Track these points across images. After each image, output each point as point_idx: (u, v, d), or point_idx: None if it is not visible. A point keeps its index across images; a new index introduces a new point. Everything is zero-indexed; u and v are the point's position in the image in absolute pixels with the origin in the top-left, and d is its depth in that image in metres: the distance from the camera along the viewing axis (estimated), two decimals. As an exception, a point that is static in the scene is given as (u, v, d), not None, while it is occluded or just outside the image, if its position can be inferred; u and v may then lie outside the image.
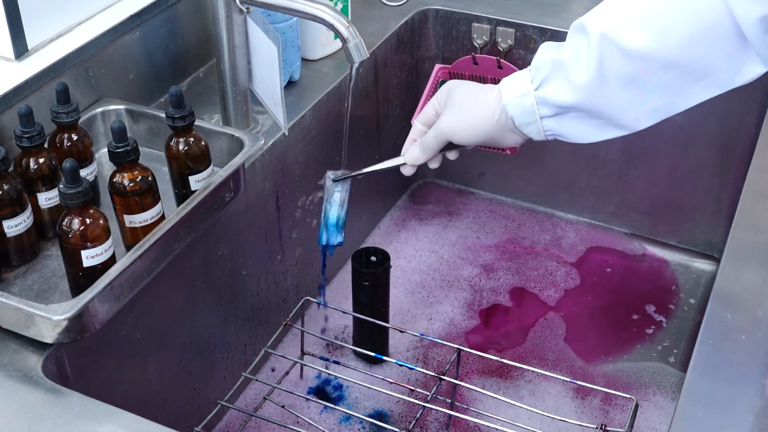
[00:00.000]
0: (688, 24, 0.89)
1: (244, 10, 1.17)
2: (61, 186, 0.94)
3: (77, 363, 1.01)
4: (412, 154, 1.12)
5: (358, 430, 1.31)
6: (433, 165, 1.14)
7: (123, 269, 0.96)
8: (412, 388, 1.20)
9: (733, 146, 1.52)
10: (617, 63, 0.92)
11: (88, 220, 0.95)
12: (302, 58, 1.43)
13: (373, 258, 1.36)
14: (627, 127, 0.97)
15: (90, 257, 0.96)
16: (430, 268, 1.60)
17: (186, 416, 1.25)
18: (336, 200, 1.18)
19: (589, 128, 0.99)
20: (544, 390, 1.38)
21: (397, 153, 1.15)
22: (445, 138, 1.07)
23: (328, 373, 1.28)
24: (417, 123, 1.13)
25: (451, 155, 1.14)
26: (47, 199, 1.07)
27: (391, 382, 1.24)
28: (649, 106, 0.95)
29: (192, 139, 1.10)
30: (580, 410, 1.35)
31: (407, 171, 1.14)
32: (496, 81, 1.48)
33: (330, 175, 1.19)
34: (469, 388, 1.25)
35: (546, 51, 0.98)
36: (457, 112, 1.06)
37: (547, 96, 0.97)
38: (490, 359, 1.21)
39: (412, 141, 1.13)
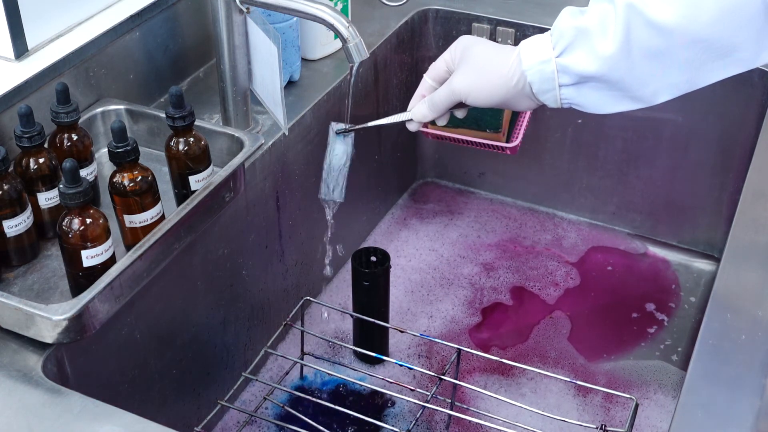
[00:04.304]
0: (718, 0, 0.87)
1: (244, 10, 1.17)
2: (61, 186, 0.94)
3: (77, 363, 1.01)
4: (420, 111, 1.07)
5: (358, 430, 1.31)
6: (441, 122, 1.10)
7: (123, 269, 0.96)
8: (412, 388, 1.20)
9: (733, 146, 1.52)
10: (643, 35, 0.90)
11: (88, 220, 0.95)
12: (302, 58, 1.43)
13: (373, 258, 1.36)
14: (645, 101, 0.95)
15: (90, 257, 0.96)
16: (431, 267, 1.60)
17: (186, 416, 1.25)
18: (338, 153, 1.15)
19: (606, 99, 0.96)
20: (546, 387, 1.38)
21: (396, 155, 1.15)
22: (457, 98, 1.03)
23: (329, 373, 1.28)
24: (427, 78, 1.07)
25: (459, 113, 1.10)
26: (47, 199, 1.07)
27: (391, 382, 1.24)
28: (670, 81, 0.93)
29: (192, 139, 1.10)
30: (582, 408, 1.35)
31: (413, 127, 1.11)
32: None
33: (334, 126, 1.16)
34: (470, 388, 1.25)
35: (569, 16, 0.95)
36: (473, 71, 1.01)
37: (569, 64, 0.94)
38: (491, 358, 1.21)
39: (421, 96, 1.08)
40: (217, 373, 1.31)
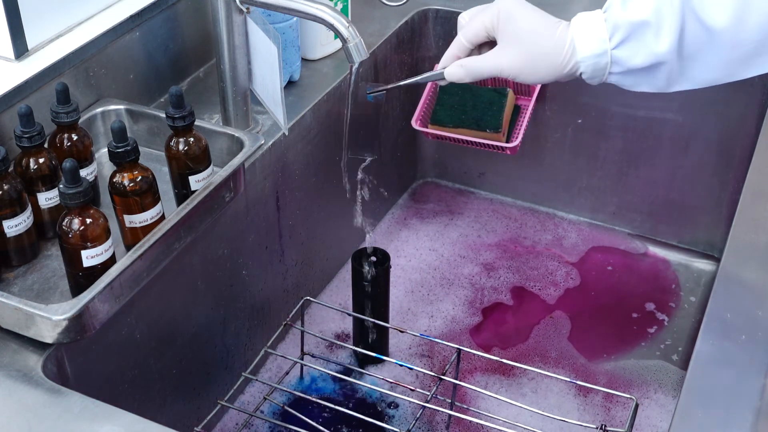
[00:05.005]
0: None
1: (244, 10, 1.17)
2: (61, 186, 0.94)
3: (77, 363, 1.01)
4: (455, 74, 1.03)
5: (358, 430, 1.31)
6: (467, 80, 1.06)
7: (123, 269, 0.96)
8: (413, 388, 1.20)
9: (733, 146, 1.52)
10: (693, 33, 0.91)
11: (88, 220, 0.95)
12: (302, 58, 1.43)
13: (373, 258, 1.36)
14: (669, 90, 0.96)
15: (90, 257, 0.96)
16: (431, 267, 1.60)
17: (186, 416, 1.25)
18: (369, 110, 1.13)
19: (641, 83, 0.96)
20: (547, 387, 1.38)
21: (396, 155, 1.14)
22: (503, 76, 0.99)
23: (328, 373, 1.28)
24: (462, 39, 1.02)
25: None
26: (47, 199, 1.07)
27: (392, 382, 1.24)
28: (707, 78, 0.94)
29: (192, 139, 1.10)
30: (583, 408, 1.35)
31: (443, 83, 1.07)
32: (496, 81, 1.48)
33: (368, 87, 1.14)
34: (470, 388, 1.25)
35: (621, 4, 0.93)
36: (524, 54, 0.98)
37: (623, 57, 0.94)
38: (491, 358, 1.21)
39: (455, 57, 1.04)
40: (217, 373, 1.31)
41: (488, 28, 1.00)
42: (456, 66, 1.03)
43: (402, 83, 1.12)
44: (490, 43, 1.02)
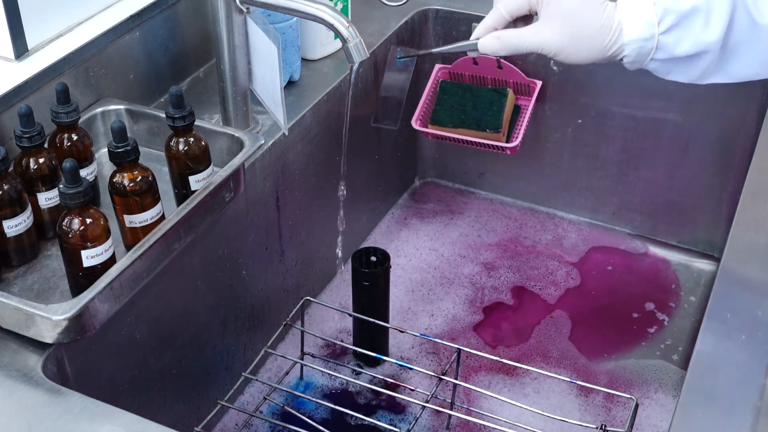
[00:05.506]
0: None
1: (244, 10, 1.17)
2: (61, 186, 0.94)
3: (77, 363, 1.01)
4: (491, 46, 0.99)
5: (358, 430, 1.31)
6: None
7: (123, 269, 0.96)
8: (412, 388, 1.20)
9: (733, 146, 1.52)
10: (740, 27, 0.90)
11: (88, 220, 0.95)
12: (302, 58, 1.43)
13: (373, 258, 1.36)
14: (701, 82, 0.96)
15: (90, 257, 0.96)
16: (431, 267, 1.60)
17: (186, 416, 1.25)
18: (398, 79, 1.12)
19: (677, 71, 0.95)
20: (549, 387, 1.38)
21: (395, 154, 1.14)
22: (544, 53, 0.96)
23: (328, 373, 1.28)
24: (501, 8, 0.99)
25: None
26: (47, 199, 1.07)
27: (392, 382, 1.24)
28: (744, 72, 0.94)
29: (192, 139, 1.10)
30: (584, 408, 1.35)
31: (473, 54, 1.04)
32: (496, 81, 1.48)
33: (398, 52, 1.12)
34: (470, 388, 1.25)
35: None
36: (568, 32, 0.94)
37: (669, 44, 0.92)
38: (491, 358, 1.21)
39: (491, 28, 1.00)
40: (217, 373, 1.31)
41: (531, 1, 0.97)
42: (492, 38, 0.99)
43: (434, 50, 1.08)
44: (525, 19, 0.99)
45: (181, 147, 1.09)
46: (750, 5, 0.90)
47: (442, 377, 1.17)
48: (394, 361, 1.22)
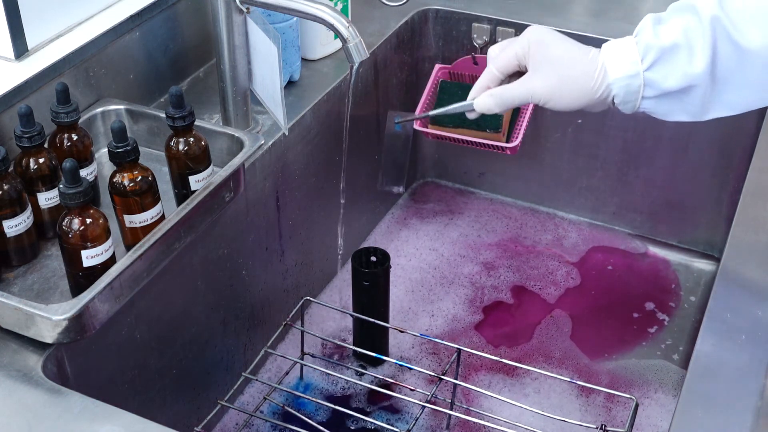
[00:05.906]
0: None
1: (244, 10, 1.17)
2: (61, 186, 0.94)
3: (77, 363, 1.01)
4: (485, 104, 1.02)
5: (358, 430, 1.31)
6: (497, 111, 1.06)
7: (123, 269, 0.96)
8: (412, 388, 1.20)
9: (733, 146, 1.52)
10: (725, 53, 0.90)
11: (88, 220, 0.95)
12: (302, 58, 1.43)
13: (373, 258, 1.36)
14: (705, 117, 0.96)
15: (90, 257, 0.96)
16: (431, 266, 1.60)
17: (186, 416, 1.25)
18: (399, 141, 1.13)
19: (676, 110, 0.96)
20: (549, 387, 1.38)
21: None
22: (534, 101, 0.99)
23: (328, 373, 1.28)
24: (494, 69, 1.02)
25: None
26: (47, 199, 1.07)
27: (392, 382, 1.24)
28: (743, 101, 0.93)
29: (192, 139, 1.10)
30: (585, 408, 1.35)
31: (473, 116, 1.07)
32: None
33: (396, 117, 1.13)
34: (470, 388, 1.25)
35: (651, 29, 0.93)
36: (555, 79, 0.97)
37: (656, 80, 0.93)
38: (491, 358, 1.21)
39: (485, 87, 1.03)
40: (217, 373, 1.31)
41: (519, 56, 1.00)
42: (486, 96, 1.02)
43: (430, 113, 1.12)
44: (518, 75, 1.02)
45: (181, 147, 1.09)
46: (732, 32, 0.90)
47: (443, 377, 1.17)
48: (394, 361, 1.22)
